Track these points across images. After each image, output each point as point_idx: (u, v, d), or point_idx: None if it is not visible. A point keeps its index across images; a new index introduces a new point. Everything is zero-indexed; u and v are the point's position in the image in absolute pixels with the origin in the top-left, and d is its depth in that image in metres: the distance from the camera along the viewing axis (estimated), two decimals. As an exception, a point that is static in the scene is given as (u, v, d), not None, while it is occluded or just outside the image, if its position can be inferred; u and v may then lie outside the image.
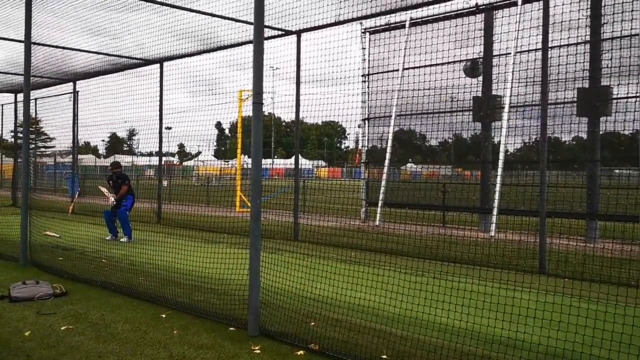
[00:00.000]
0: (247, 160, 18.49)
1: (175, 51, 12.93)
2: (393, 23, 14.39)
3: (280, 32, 11.28)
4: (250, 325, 5.04)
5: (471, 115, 13.92)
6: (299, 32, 11.30)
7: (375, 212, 14.59)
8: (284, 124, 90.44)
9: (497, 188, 12.33)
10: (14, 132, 22.09)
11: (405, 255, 9.11)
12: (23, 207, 8.89)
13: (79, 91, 18.48)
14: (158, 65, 14.50)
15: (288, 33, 11.31)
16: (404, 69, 14.32)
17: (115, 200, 11.39)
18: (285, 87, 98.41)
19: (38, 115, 20.25)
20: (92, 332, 5.09)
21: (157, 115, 14.85)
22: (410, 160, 20.02)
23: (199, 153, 50.97)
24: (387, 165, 14.84)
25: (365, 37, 15.21)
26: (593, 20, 10.86)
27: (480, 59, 13.24)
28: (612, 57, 10.47)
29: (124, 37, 12.47)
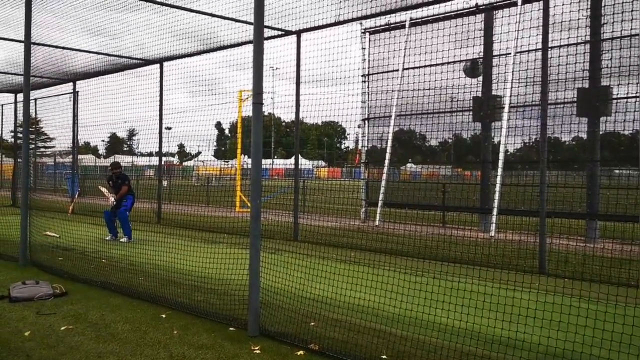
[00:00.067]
0: (247, 161, 18.50)
1: (175, 51, 12.93)
2: (393, 23, 14.39)
3: (280, 32, 11.28)
4: (250, 325, 5.04)
5: (471, 115, 13.92)
6: (299, 32, 11.30)
7: (375, 212, 14.60)
8: (284, 124, 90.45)
9: (497, 188, 12.33)
10: (14, 132, 22.09)
11: (405, 256, 9.11)
12: (23, 207, 8.89)
13: (79, 91, 18.50)
14: (158, 65, 14.50)
15: (288, 33, 11.31)
16: (403, 69, 14.32)
17: (115, 200, 11.40)
18: (285, 87, 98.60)
19: (38, 115, 20.25)
20: (92, 332, 5.09)
21: (157, 115, 14.86)
22: (410, 161, 20.03)
23: (198, 153, 50.99)
24: (387, 165, 14.84)
25: (365, 37, 15.21)
26: (593, 20, 10.86)
27: (480, 59, 13.24)
28: (612, 57, 10.47)
29: (124, 37, 12.48)
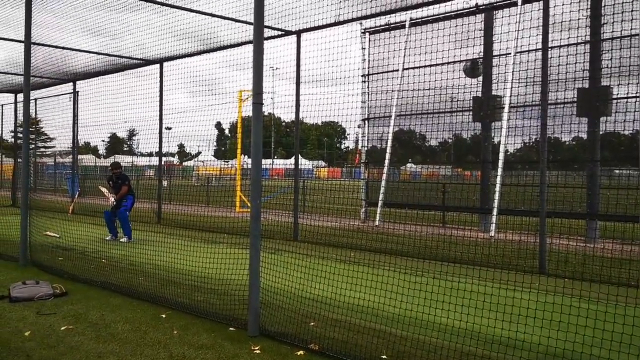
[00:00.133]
0: (247, 161, 18.50)
1: (175, 51, 12.93)
2: (393, 23, 14.39)
3: (280, 32, 11.28)
4: (250, 325, 5.04)
5: (471, 115, 13.92)
6: (299, 32, 11.30)
7: (375, 212, 14.60)
8: (283, 124, 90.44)
9: (497, 188, 12.33)
10: (14, 132, 22.09)
11: (405, 256, 9.11)
12: (23, 207, 8.89)
13: (79, 91, 18.50)
14: (158, 65, 14.50)
15: (288, 33, 11.31)
16: (403, 69, 14.32)
17: (115, 200, 11.40)
18: (285, 87, 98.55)
19: (38, 115, 20.25)
20: (92, 332, 5.09)
21: (157, 115, 14.86)
22: (410, 161, 20.03)
23: (198, 153, 50.98)
24: (387, 165, 14.84)
25: (365, 37, 15.21)
26: (593, 21, 10.86)
27: (480, 59, 13.24)
28: (612, 57, 10.47)
29: (124, 38, 12.48)
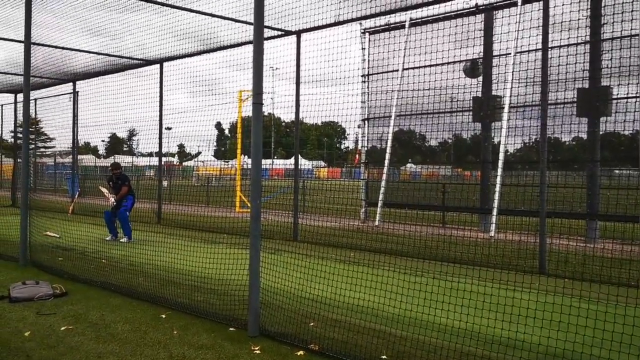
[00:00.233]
0: (247, 161, 18.50)
1: (175, 51, 12.93)
2: (393, 23, 14.39)
3: (280, 33, 11.28)
4: (250, 325, 5.04)
5: (471, 115, 13.92)
6: (299, 33, 11.30)
7: (375, 212, 14.59)
8: (283, 124, 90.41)
9: (497, 188, 12.33)
10: (13, 132, 22.09)
11: (404, 256, 9.11)
12: (23, 207, 8.89)
13: (79, 91, 18.50)
14: (158, 65, 14.50)
15: (288, 33, 11.31)
16: (403, 69, 14.32)
17: (115, 201, 11.40)
18: (285, 87, 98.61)
19: (38, 115, 20.26)
20: (92, 333, 5.09)
21: (157, 115, 14.86)
22: (410, 161, 20.03)
23: (198, 153, 51.02)
24: (386, 165, 14.84)
25: (365, 38, 15.21)
26: (593, 21, 10.87)
27: (480, 59, 13.24)
28: (612, 58, 10.47)
29: (124, 38, 12.48)
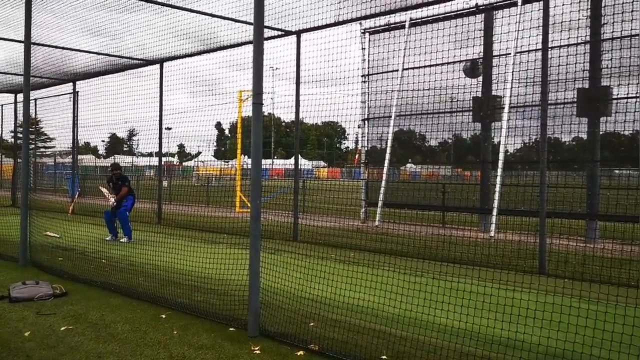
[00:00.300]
0: (247, 161, 18.50)
1: (175, 51, 12.93)
2: (393, 23, 14.39)
3: (280, 33, 11.28)
4: (250, 325, 5.04)
5: (471, 115, 13.92)
6: (299, 33, 11.30)
7: (375, 212, 14.59)
8: (283, 124, 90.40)
9: (497, 188, 12.33)
10: (14, 132, 22.09)
11: (404, 256, 9.10)
12: (23, 207, 8.89)
13: (79, 91, 18.50)
14: (158, 65, 14.50)
15: (288, 33, 11.31)
16: (403, 69, 14.32)
17: (115, 201, 11.39)
18: (285, 87, 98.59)
19: (38, 115, 20.27)
20: (91, 333, 5.09)
21: (157, 115, 14.85)
22: (410, 161, 20.03)
23: (198, 153, 51.01)
24: (386, 165, 14.84)
25: (365, 38, 15.21)
26: (593, 21, 10.87)
27: (480, 59, 13.24)
28: (612, 58, 10.47)
29: (124, 38, 12.48)
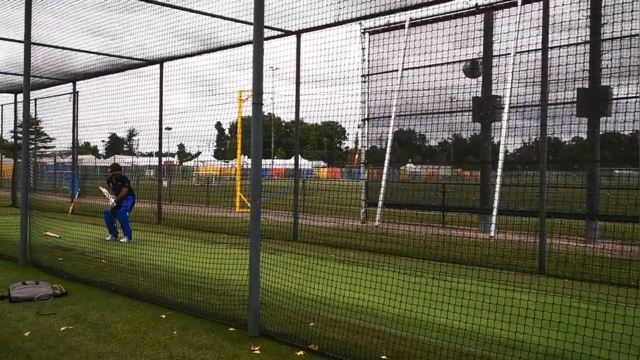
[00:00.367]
0: (246, 161, 18.50)
1: (175, 51, 12.93)
2: (393, 23, 14.39)
3: (280, 33, 11.28)
4: (250, 325, 5.04)
5: (471, 115, 13.92)
6: (299, 33, 11.30)
7: (375, 212, 14.59)
8: (283, 124, 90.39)
9: (497, 188, 12.33)
10: (13, 132, 22.09)
11: (404, 256, 9.11)
12: (23, 208, 8.89)
13: (79, 91, 18.50)
14: (158, 65, 14.49)
15: (288, 33, 11.31)
16: (403, 69, 14.32)
17: (115, 202, 11.38)
18: (285, 88, 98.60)
19: (38, 115, 20.26)
20: (91, 333, 5.09)
21: (157, 115, 14.85)
22: (410, 161, 20.03)
23: (198, 153, 51.00)
24: (386, 165, 14.84)
25: (365, 38, 15.21)
26: (593, 21, 10.87)
27: (480, 59, 13.24)
28: (612, 58, 10.48)
29: (124, 38, 12.48)
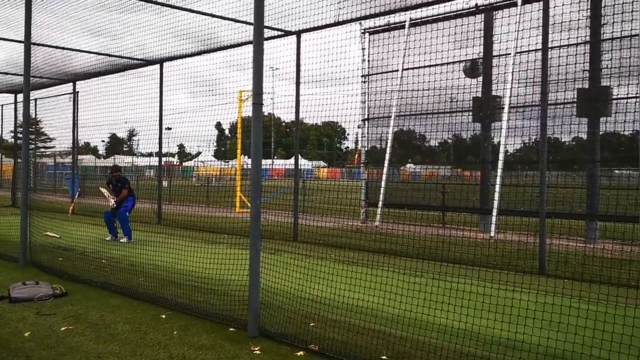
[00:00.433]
0: (247, 161, 18.50)
1: (175, 51, 12.93)
2: (393, 23, 14.39)
3: (280, 33, 11.28)
4: (250, 325, 5.04)
5: (471, 115, 13.92)
6: (299, 33, 11.30)
7: (375, 212, 14.59)
8: (283, 124, 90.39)
9: (497, 188, 12.33)
10: (14, 132, 22.09)
11: (404, 256, 9.10)
12: (23, 208, 8.89)
13: (79, 92, 18.50)
14: (158, 65, 14.49)
15: (288, 33, 11.31)
16: (403, 69, 14.32)
17: (115, 203, 11.37)
18: (285, 88, 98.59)
19: (38, 115, 20.26)
20: (92, 333, 5.09)
21: (157, 115, 14.85)
22: (410, 161, 20.03)
23: (198, 153, 50.99)
24: (386, 165, 14.84)
25: (365, 38, 15.21)
26: (593, 21, 10.87)
27: (480, 60, 13.24)
28: (612, 58, 10.48)
29: (124, 38, 12.49)
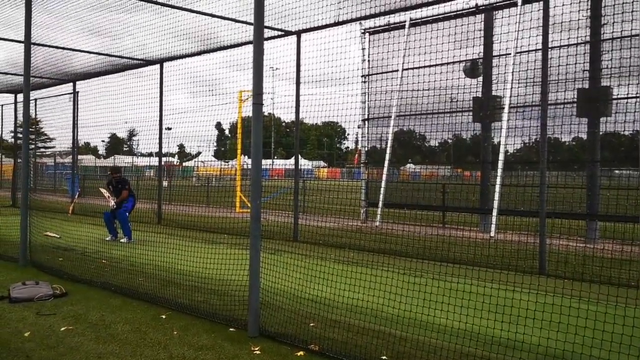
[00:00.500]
0: (247, 161, 18.50)
1: (175, 51, 12.93)
2: (393, 23, 14.39)
3: (280, 33, 11.28)
4: (250, 326, 5.04)
5: (471, 115, 13.92)
6: (299, 33, 11.30)
7: (375, 212, 14.59)
8: (283, 124, 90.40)
9: (497, 189, 12.33)
10: (14, 132, 22.09)
11: (404, 256, 9.10)
12: (23, 208, 8.89)
13: (79, 92, 18.49)
14: (158, 65, 14.49)
15: (288, 33, 11.31)
16: (403, 69, 14.32)
17: (115, 204, 11.36)
18: (285, 88, 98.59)
19: (38, 115, 20.26)
20: (92, 333, 5.09)
21: (157, 115, 14.85)
22: (410, 161, 20.03)
23: (199, 153, 50.96)
24: (386, 165, 14.84)
25: (365, 38, 15.21)
26: (593, 21, 10.87)
27: (480, 60, 13.24)
28: (612, 58, 10.48)
29: (124, 38, 12.49)
